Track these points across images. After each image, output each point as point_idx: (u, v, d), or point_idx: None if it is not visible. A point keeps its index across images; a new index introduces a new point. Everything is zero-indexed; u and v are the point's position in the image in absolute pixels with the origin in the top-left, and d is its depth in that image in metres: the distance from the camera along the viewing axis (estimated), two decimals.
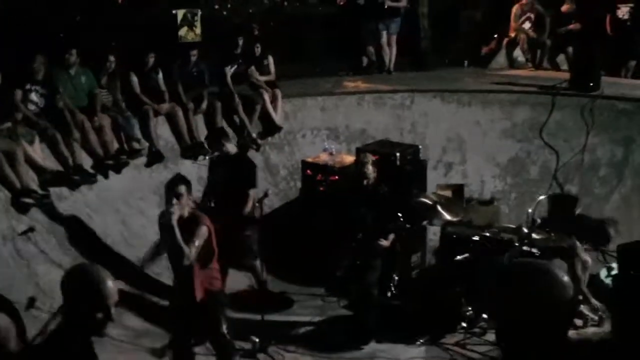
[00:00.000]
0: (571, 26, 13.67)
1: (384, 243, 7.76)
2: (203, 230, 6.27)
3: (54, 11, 10.63)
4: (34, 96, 8.98)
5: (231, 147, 8.58)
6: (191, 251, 6.16)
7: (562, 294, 2.80)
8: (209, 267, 6.46)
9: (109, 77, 9.79)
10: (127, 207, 9.33)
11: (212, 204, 8.31)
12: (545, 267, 2.93)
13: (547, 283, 2.84)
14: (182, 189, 6.28)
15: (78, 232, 8.71)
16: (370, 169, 7.74)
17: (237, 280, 8.98)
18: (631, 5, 13.19)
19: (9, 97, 8.66)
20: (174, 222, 6.11)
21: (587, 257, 8.31)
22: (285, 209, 10.30)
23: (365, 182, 7.76)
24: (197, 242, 6.21)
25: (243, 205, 8.33)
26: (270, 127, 10.94)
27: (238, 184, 8.38)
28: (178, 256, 6.21)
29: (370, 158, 7.93)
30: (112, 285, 3.51)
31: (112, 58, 9.74)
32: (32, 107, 8.96)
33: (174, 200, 6.21)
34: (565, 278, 2.85)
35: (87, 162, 9.17)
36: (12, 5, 10.13)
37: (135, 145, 9.68)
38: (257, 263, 8.60)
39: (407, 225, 8.34)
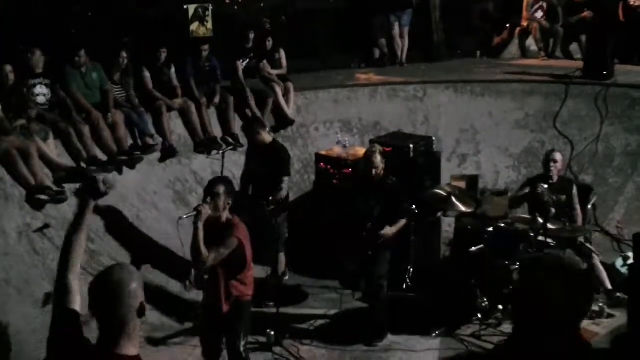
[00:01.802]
0: (583, 14, 13.60)
1: (387, 231, 7.58)
2: (232, 242, 6.01)
3: (65, 8, 10.66)
4: (38, 89, 9.01)
5: (266, 136, 8.66)
6: (209, 258, 5.95)
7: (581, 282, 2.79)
8: (239, 278, 6.22)
9: (122, 73, 9.82)
10: (141, 202, 9.36)
11: (250, 192, 8.52)
12: (561, 258, 2.94)
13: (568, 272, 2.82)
14: (220, 189, 6.05)
15: (93, 228, 8.73)
16: (378, 159, 7.63)
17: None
18: None
19: (21, 95, 8.70)
20: (200, 223, 5.90)
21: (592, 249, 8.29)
22: (299, 202, 10.29)
23: (373, 172, 7.65)
24: (222, 251, 5.98)
25: (276, 192, 8.41)
26: (283, 121, 10.95)
27: (272, 171, 8.50)
28: (194, 258, 6.05)
29: (379, 148, 7.85)
30: (135, 287, 3.28)
31: (124, 54, 9.76)
32: (41, 99, 9.00)
33: (208, 199, 6.04)
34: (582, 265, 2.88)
35: (100, 158, 9.19)
36: (23, 3, 10.15)
37: (149, 140, 9.71)
38: (282, 254, 8.78)
39: (416, 212, 8.31)
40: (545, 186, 7.85)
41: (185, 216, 6.16)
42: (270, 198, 8.33)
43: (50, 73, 9.16)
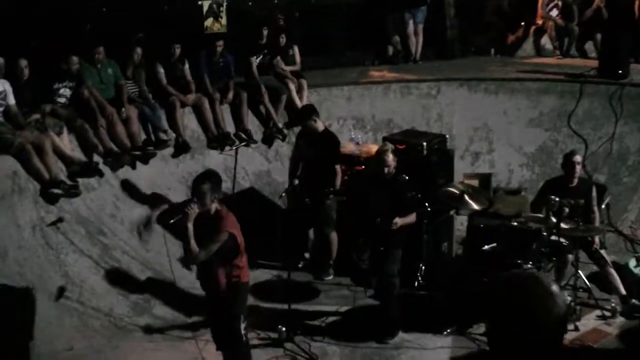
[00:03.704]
0: (595, 3, 13.45)
1: (397, 221, 7.48)
2: (222, 236, 6.10)
3: (80, 3, 10.68)
4: (62, 91, 9.05)
5: (320, 124, 8.96)
6: (200, 255, 6.06)
7: (549, 304, 2.81)
8: (234, 263, 6.30)
9: (135, 69, 9.82)
10: (154, 197, 9.37)
11: (297, 181, 8.68)
12: (534, 278, 2.93)
13: (534, 295, 2.86)
14: (204, 188, 6.08)
15: (106, 222, 8.78)
16: (390, 158, 7.64)
17: (264, 271, 9.07)
18: None
19: (37, 90, 8.73)
20: (189, 223, 5.99)
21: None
22: None
23: (385, 170, 7.67)
24: (211, 247, 6.08)
25: (333, 180, 8.80)
26: (296, 117, 10.93)
27: (324, 159, 8.80)
28: (186, 256, 6.14)
29: (390, 146, 7.84)
30: None
31: (138, 50, 9.78)
32: (62, 100, 9.04)
33: (194, 199, 6.08)
34: (554, 288, 2.87)
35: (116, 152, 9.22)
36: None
37: (162, 136, 9.72)
38: (334, 233, 9.02)
39: (429, 209, 8.29)
40: (557, 199, 7.74)
41: (172, 221, 6.18)
42: (331, 188, 8.77)
43: (77, 75, 9.20)
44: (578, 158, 8.27)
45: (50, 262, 7.96)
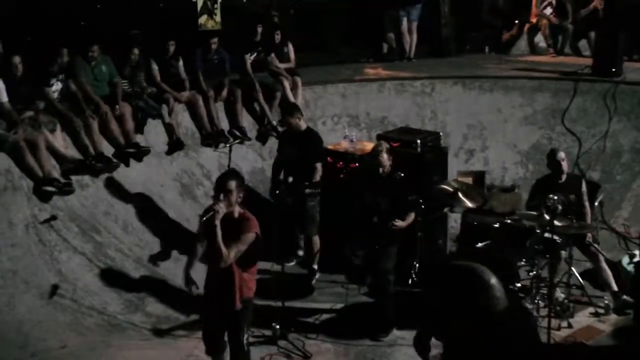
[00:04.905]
0: (593, 4, 13.50)
1: (400, 224, 7.63)
2: (249, 238, 5.96)
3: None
4: (55, 86, 9.04)
5: (303, 123, 8.90)
6: (229, 255, 5.86)
7: (486, 298, 2.84)
8: (249, 272, 6.15)
9: (132, 69, 9.79)
10: (147, 195, 9.36)
11: (283, 178, 8.76)
12: (471, 270, 2.96)
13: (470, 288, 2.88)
14: (232, 185, 5.93)
15: (99, 220, 8.76)
16: (384, 157, 7.68)
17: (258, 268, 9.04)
18: None
19: (31, 87, 8.70)
20: (217, 221, 5.80)
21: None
22: None
23: (380, 170, 7.70)
24: (240, 247, 5.91)
25: (312, 177, 8.68)
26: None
27: (306, 157, 8.73)
28: (215, 257, 5.92)
29: (385, 146, 7.85)
30: None
31: (136, 51, 9.74)
32: (55, 95, 9.02)
33: (221, 197, 5.92)
34: (493, 281, 2.89)
35: (108, 150, 9.20)
36: None
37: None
38: (316, 237, 8.98)
39: (423, 207, 8.31)
40: (556, 197, 7.69)
41: (204, 218, 6.05)
42: (307, 183, 8.61)
43: (67, 69, 9.18)
44: (561, 155, 8.27)
45: (44, 259, 7.94)
